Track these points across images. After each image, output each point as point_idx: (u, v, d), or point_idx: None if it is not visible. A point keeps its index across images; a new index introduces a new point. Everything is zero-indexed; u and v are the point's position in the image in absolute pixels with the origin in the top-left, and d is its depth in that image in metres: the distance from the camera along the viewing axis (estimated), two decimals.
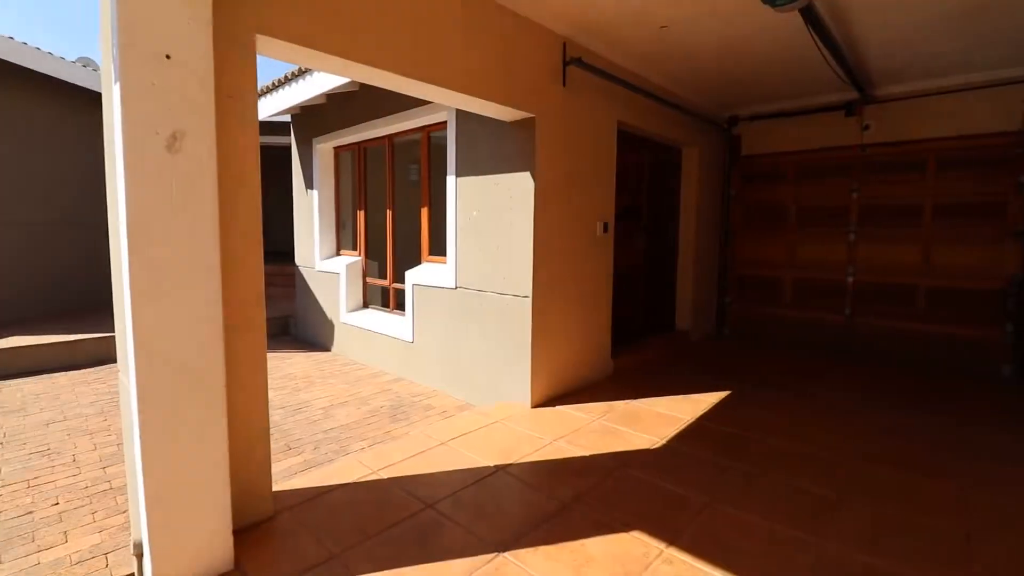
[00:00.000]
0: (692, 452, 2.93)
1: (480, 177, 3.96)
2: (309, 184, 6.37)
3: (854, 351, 5.34)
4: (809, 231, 5.67)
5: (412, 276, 4.71)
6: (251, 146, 2.23)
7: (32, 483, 2.80)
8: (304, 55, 2.47)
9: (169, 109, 1.75)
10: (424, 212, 4.85)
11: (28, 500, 2.64)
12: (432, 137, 4.79)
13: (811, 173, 5.63)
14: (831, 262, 5.50)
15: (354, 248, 6.07)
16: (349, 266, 5.77)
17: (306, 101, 5.62)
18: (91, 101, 7.06)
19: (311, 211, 6.31)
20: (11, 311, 6.14)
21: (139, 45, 1.69)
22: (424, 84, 2.83)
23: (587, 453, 2.91)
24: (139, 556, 1.82)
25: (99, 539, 2.31)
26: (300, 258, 6.63)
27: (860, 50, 3.94)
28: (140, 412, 1.66)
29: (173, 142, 1.77)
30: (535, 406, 3.66)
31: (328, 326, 6.09)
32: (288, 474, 2.86)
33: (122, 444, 3.31)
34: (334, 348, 5.98)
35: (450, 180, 4.25)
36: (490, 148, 3.86)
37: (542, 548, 2.04)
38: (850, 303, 5.39)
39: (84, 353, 5.21)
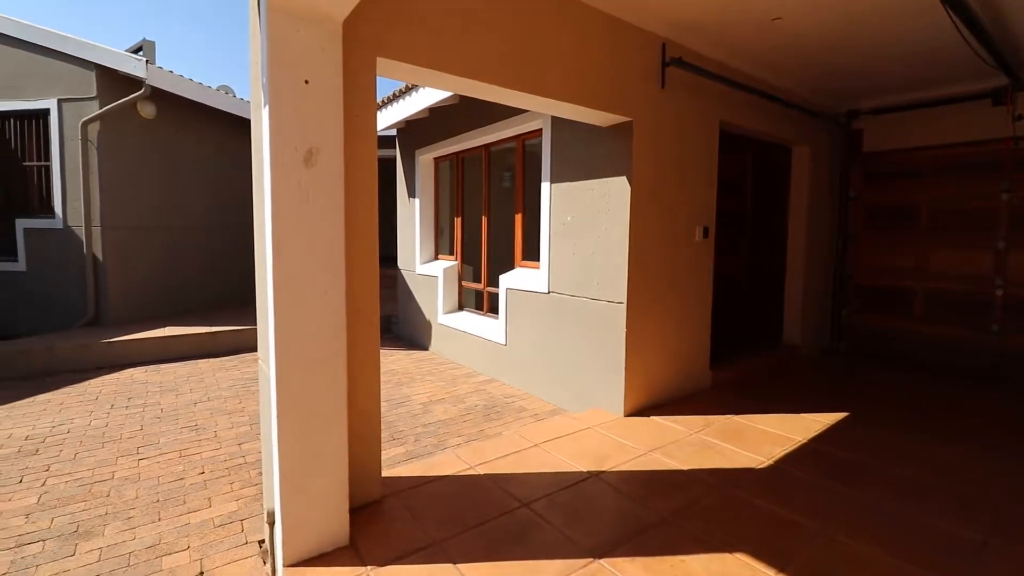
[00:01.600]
0: (803, 475, 2.71)
1: (574, 183, 3.98)
2: (411, 193, 6.78)
3: (1002, 374, 4.62)
4: (945, 236, 5.01)
5: (506, 280, 4.84)
6: (370, 159, 2.44)
7: (183, 453, 3.26)
8: (418, 73, 2.65)
9: (307, 128, 1.98)
10: (518, 218, 4.96)
11: (180, 468, 3.07)
12: (526, 145, 4.91)
13: (948, 171, 4.98)
14: (973, 272, 4.82)
15: (451, 253, 6.36)
16: (446, 270, 6.05)
17: (411, 116, 6.00)
18: (225, 123, 8.10)
19: (413, 218, 6.71)
20: (162, 306, 7.18)
21: (285, 74, 1.93)
22: (525, 94, 2.91)
23: (684, 467, 2.81)
24: (271, 524, 2.05)
25: (236, 507, 2.63)
26: (402, 262, 7.07)
27: (1012, 29, 3.43)
28: (278, 397, 1.89)
29: (310, 157, 2.00)
30: (628, 415, 3.59)
31: (426, 326, 6.42)
32: (392, 463, 3.06)
33: (254, 424, 3.75)
34: (431, 347, 6.29)
35: (544, 186, 4.32)
36: (584, 153, 3.87)
37: (640, 559, 2.01)
38: (998, 319, 4.67)
39: (223, 343, 5.97)
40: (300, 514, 1.94)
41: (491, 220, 5.55)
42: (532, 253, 4.76)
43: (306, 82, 1.99)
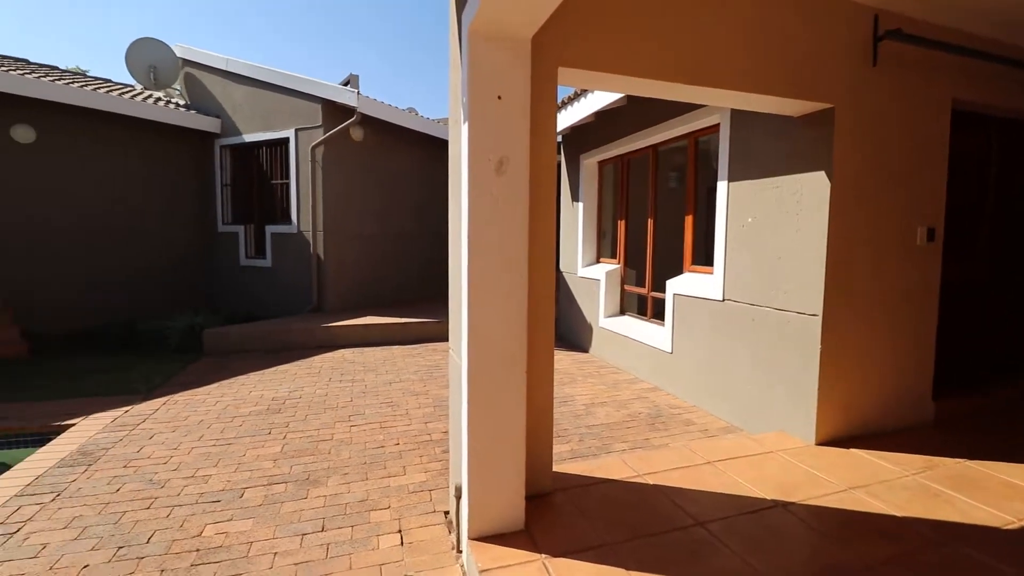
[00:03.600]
0: None
1: (757, 181, 3.64)
2: (574, 197, 6.90)
3: None
4: None
5: (673, 286, 4.63)
6: (550, 165, 2.55)
7: (383, 425, 3.80)
8: (595, 79, 2.69)
9: (499, 139, 2.15)
10: (688, 220, 4.71)
11: (380, 437, 3.58)
12: (699, 142, 4.64)
13: None
14: None
15: (613, 256, 6.31)
16: (608, 273, 6.02)
17: (578, 121, 6.11)
18: (415, 140, 9.18)
19: (575, 222, 6.82)
20: (364, 299, 8.43)
21: (481, 91, 2.12)
22: (704, 88, 2.76)
23: (897, 513, 2.37)
24: (458, 498, 2.27)
25: (424, 477, 2.98)
26: (564, 264, 7.24)
27: None
28: (469, 385, 2.09)
29: (500, 166, 2.17)
30: (820, 443, 3.16)
31: (586, 329, 6.47)
32: (559, 459, 3.16)
33: (437, 407, 4.20)
34: (592, 350, 6.32)
35: (721, 186, 4.03)
36: (770, 148, 3.51)
37: None
38: None
39: (411, 333, 6.82)
40: (484, 493, 2.12)
41: (657, 223, 5.36)
42: (702, 257, 4.47)
43: (499, 97, 2.16)
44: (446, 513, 2.60)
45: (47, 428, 3.75)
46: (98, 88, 7.77)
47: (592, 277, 6.33)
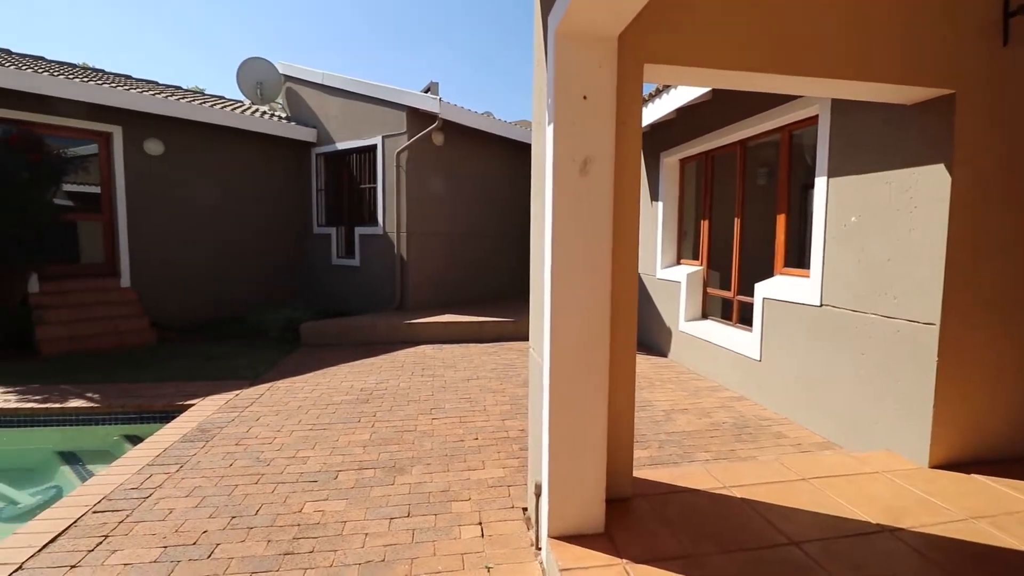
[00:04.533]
0: None
1: (863, 176, 3.34)
2: (653, 196, 6.71)
3: None
4: None
5: (763, 289, 4.37)
6: (634, 165, 2.50)
7: (462, 420, 3.92)
8: (681, 74, 2.61)
9: (583, 140, 2.14)
10: (780, 219, 4.42)
11: (460, 432, 3.70)
12: (793, 136, 4.33)
13: None
14: None
15: (695, 258, 6.07)
16: (690, 275, 5.79)
17: (659, 119, 5.94)
18: (492, 143, 9.36)
19: (655, 222, 6.63)
20: (443, 297, 8.72)
21: (567, 92, 2.13)
22: (801, 78, 2.57)
23: None
24: (537, 496, 2.30)
25: (503, 473, 3.03)
26: (642, 265, 7.06)
27: None
28: (550, 385, 2.10)
29: (584, 166, 2.17)
30: (934, 466, 2.84)
31: (665, 332, 6.27)
32: (637, 465, 3.09)
33: (513, 404, 4.26)
34: (670, 355, 6.12)
35: (819, 182, 3.74)
36: (878, 140, 3.21)
37: None
38: None
39: (487, 331, 6.97)
40: (564, 493, 2.13)
41: (744, 222, 5.08)
42: (795, 259, 4.18)
43: (584, 97, 2.16)
44: (524, 509, 2.63)
45: (171, 407, 4.25)
46: (214, 105, 8.68)
47: (672, 279, 6.12)
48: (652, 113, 6.04)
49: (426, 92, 8.54)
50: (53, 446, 4.16)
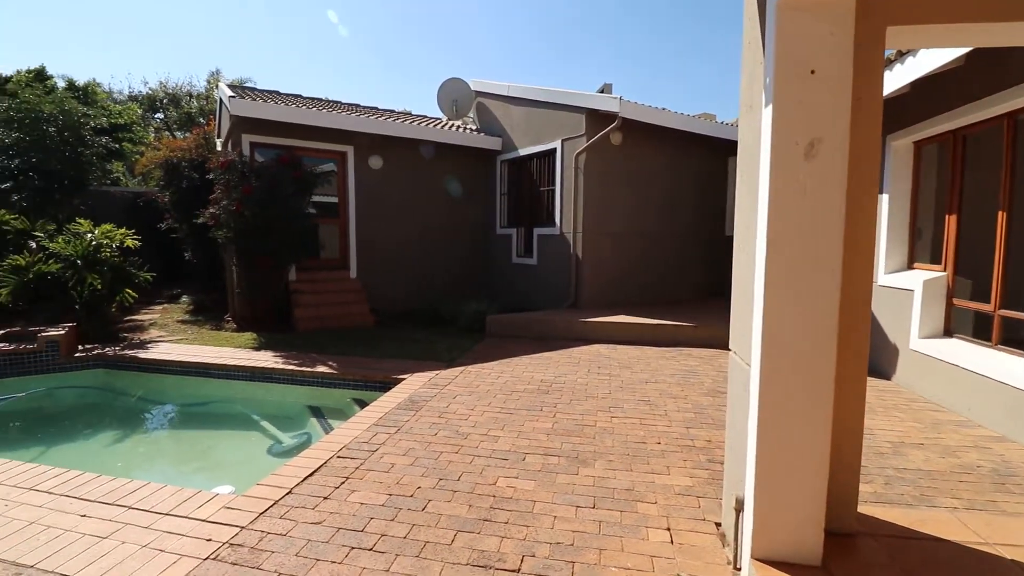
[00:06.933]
0: None
1: None
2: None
3: None
4: None
5: None
6: (872, 147, 2.16)
7: (642, 422, 3.83)
8: (932, 34, 2.19)
9: (809, 120, 1.91)
10: None
11: (641, 433, 3.61)
12: None
13: None
14: None
15: (935, 261, 4.96)
16: (928, 283, 4.75)
17: (889, 94, 4.99)
18: (671, 138, 8.92)
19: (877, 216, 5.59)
20: (616, 297, 8.63)
21: (790, 68, 1.92)
22: None
23: None
24: (738, 511, 2.12)
25: (691, 483, 2.88)
26: None
27: None
28: (760, 396, 1.92)
29: (810, 149, 1.93)
30: None
31: (888, 350, 5.26)
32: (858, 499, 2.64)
33: (698, 413, 4.02)
34: (895, 377, 5.11)
35: None
36: None
37: None
38: None
39: (662, 335, 6.70)
40: (772, 513, 1.93)
41: (1012, 217, 3.98)
42: None
43: (812, 72, 1.93)
44: (718, 524, 2.45)
45: (387, 379, 5.00)
46: (422, 123, 9.95)
47: (901, 287, 5.09)
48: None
49: (600, 93, 8.57)
50: (304, 401, 5.23)
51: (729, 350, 2.39)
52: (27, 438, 4.87)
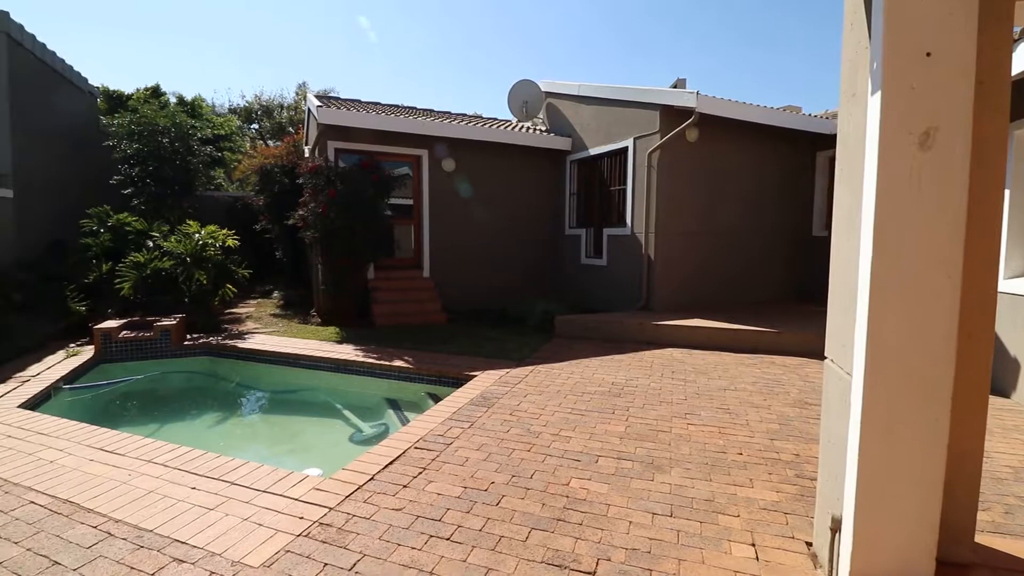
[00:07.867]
0: None
1: None
2: None
3: None
4: None
5: None
6: (999, 136, 1.95)
7: (722, 431, 3.65)
8: None
9: (924, 107, 1.75)
10: None
11: (720, 442, 3.45)
12: None
13: None
14: None
15: None
16: None
17: (1016, 76, 4.42)
18: (755, 133, 8.44)
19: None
20: (691, 299, 8.29)
21: (902, 51, 1.76)
22: None
23: None
24: (834, 531, 1.97)
25: (777, 498, 2.71)
26: None
27: None
28: (864, 406, 1.77)
29: (926, 139, 1.76)
30: None
31: (1007, 364, 4.66)
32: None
33: (783, 425, 3.78)
34: (1014, 395, 4.53)
35: None
36: None
37: None
38: None
39: (740, 340, 6.35)
40: (874, 537, 1.78)
41: None
42: None
43: (928, 54, 1.76)
44: (808, 544, 2.29)
45: (460, 375, 5.13)
46: (492, 125, 10.11)
47: (1023, 294, 4.50)
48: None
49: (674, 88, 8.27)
50: (382, 393, 5.49)
51: (824, 358, 2.23)
52: (143, 416, 5.49)
